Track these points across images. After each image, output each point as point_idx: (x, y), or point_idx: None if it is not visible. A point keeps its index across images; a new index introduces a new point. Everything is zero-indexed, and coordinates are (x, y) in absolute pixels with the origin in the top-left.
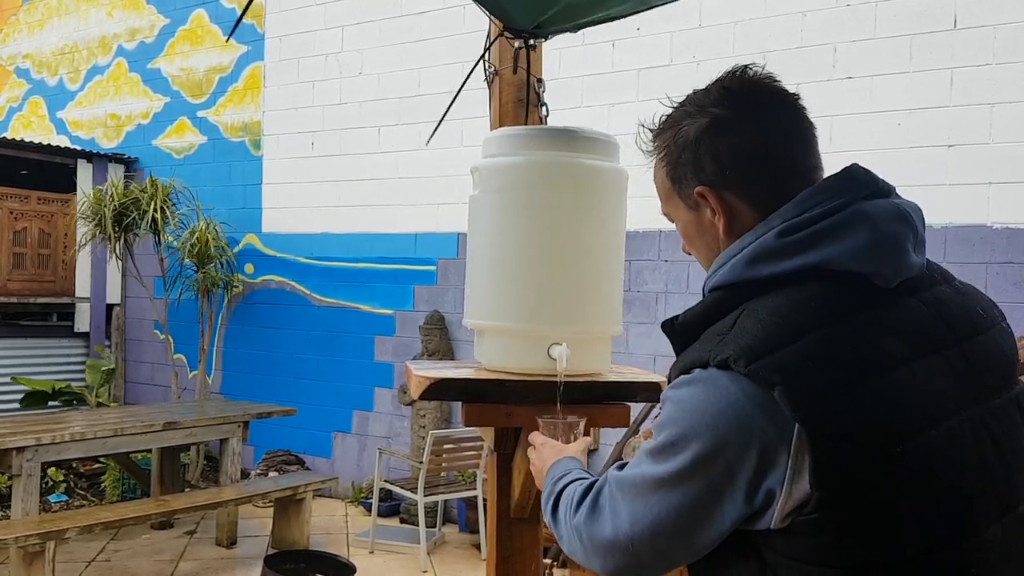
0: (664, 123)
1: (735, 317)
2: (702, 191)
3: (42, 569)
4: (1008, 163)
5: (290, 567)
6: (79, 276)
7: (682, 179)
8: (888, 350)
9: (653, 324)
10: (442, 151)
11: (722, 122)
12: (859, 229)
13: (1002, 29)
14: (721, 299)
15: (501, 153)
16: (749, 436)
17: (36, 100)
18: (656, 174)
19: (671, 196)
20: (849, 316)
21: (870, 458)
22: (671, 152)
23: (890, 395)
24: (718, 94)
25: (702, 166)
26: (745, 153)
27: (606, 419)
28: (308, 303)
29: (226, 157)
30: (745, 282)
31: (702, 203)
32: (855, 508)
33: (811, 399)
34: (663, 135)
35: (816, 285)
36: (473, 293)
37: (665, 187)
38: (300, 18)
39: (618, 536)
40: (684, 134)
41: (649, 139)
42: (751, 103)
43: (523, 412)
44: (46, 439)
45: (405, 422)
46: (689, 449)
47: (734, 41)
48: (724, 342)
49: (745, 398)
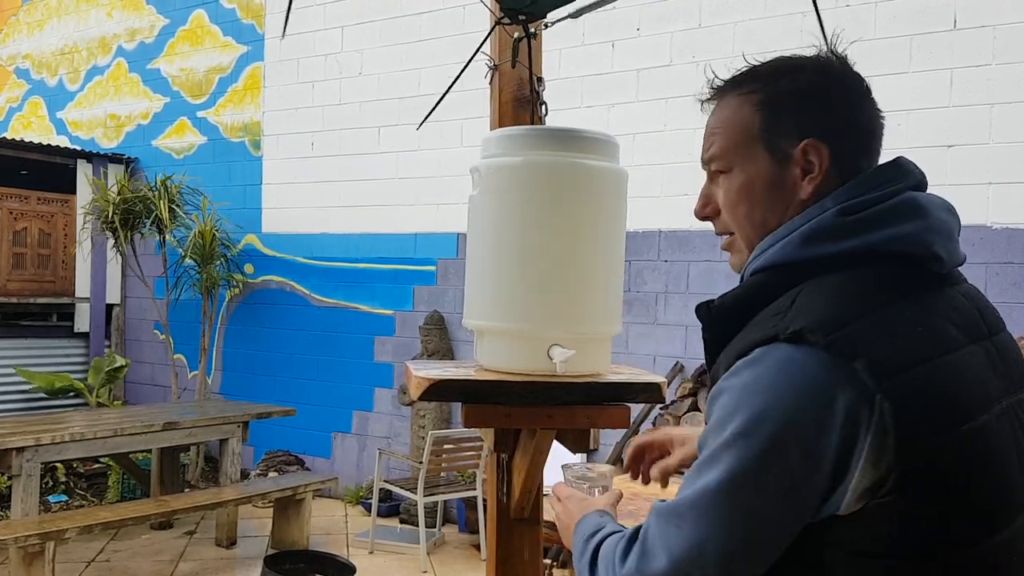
0: (762, 67)
1: (793, 295)
2: (814, 144)
3: (42, 569)
4: (1008, 163)
5: (290, 567)
6: (79, 276)
7: (786, 127)
8: (949, 332)
9: (653, 324)
10: (442, 151)
11: (851, 85)
12: (915, 215)
13: (1002, 29)
14: (769, 280)
15: (501, 153)
16: (831, 413)
17: (36, 100)
18: (734, 114)
19: (752, 142)
20: (912, 297)
21: (944, 436)
22: (777, 96)
23: (954, 375)
24: (839, 62)
25: (825, 121)
26: (860, 124)
27: (606, 420)
28: (308, 303)
29: (226, 157)
30: (798, 263)
31: (798, 158)
32: (931, 488)
33: (893, 372)
34: (762, 78)
35: (873, 267)
36: (472, 293)
37: (747, 131)
38: (300, 18)
39: (679, 564)
40: (801, 84)
41: (730, 76)
42: (863, 80)
43: (523, 413)
44: (46, 439)
45: (405, 422)
46: (765, 435)
47: (734, 41)
48: (790, 317)
49: (824, 371)
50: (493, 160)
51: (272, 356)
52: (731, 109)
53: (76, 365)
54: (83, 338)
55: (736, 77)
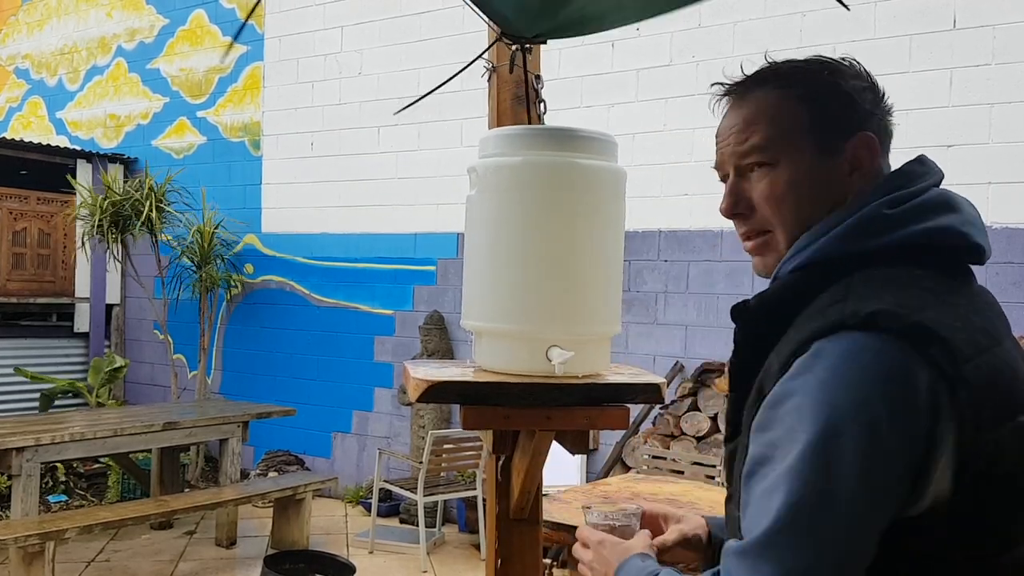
0: (790, 65)
1: (845, 287)
2: (868, 139)
3: (42, 569)
4: (1008, 163)
5: (290, 567)
6: (79, 276)
7: (835, 123)
8: (995, 324)
9: (653, 324)
10: (441, 151)
11: (879, 88)
12: (950, 208)
13: (1002, 29)
14: (812, 276)
15: (498, 153)
16: (916, 400)
17: (36, 100)
18: (774, 108)
19: (799, 136)
20: (959, 288)
21: (1006, 426)
22: (821, 91)
23: (1007, 367)
24: (866, 71)
25: (868, 118)
26: (886, 125)
27: (605, 420)
28: (308, 303)
29: (226, 157)
30: (843, 258)
31: (849, 152)
32: (995, 482)
33: (966, 359)
34: (796, 74)
35: (918, 260)
36: (470, 294)
37: (794, 124)
38: (300, 18)
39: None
40: (843, 81)
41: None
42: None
43: (521, 414)
44: (46, 439)
45: (405, 422)
46: (854, 435)
47: (734, 41)
48: (853, 305)
49: (903, 357)
50: (491, 160)
51: (272, 356)
52: (767, 103)
53: (76, 365)
54: (83, 338)
55: (761, 73)
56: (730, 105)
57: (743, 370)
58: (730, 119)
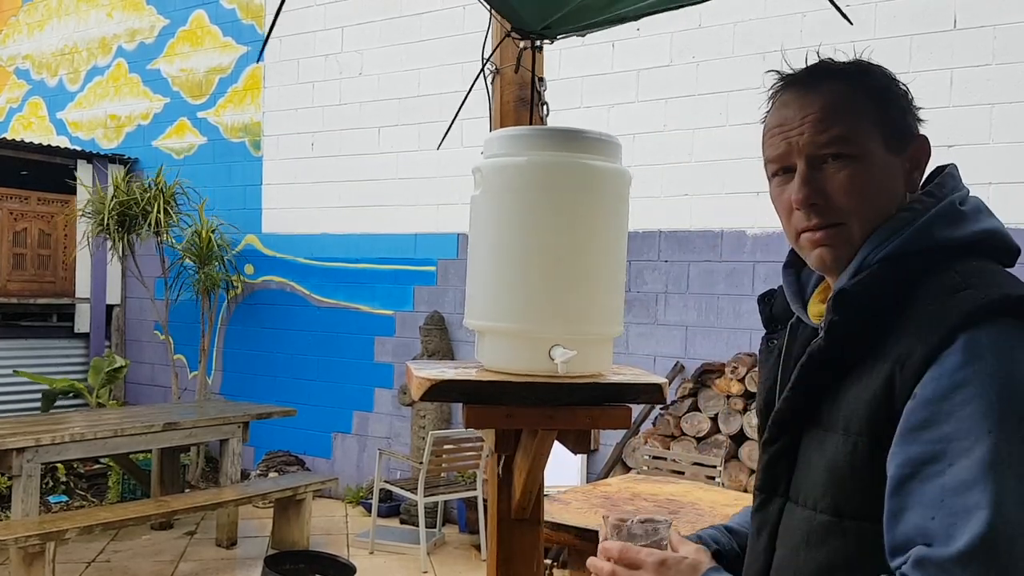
0: (853, 62)
1: (959, 275)
2: (926, 143)
3: (42, 570)
4: (1008, 163)
5: (290, 567)
6: (79, 277)
7: (900, 123)
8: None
9: (653, 324)
10: (442, 151)
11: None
12: (991, 213)
13: (1002, 29)
14: (912, 264)
15: (502, 153)
16: None
17: (36, 101)
18: (850, 100)
19: (875, 130)
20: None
21: None
22: (891, 92)
23: None
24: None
25: (917, 120)
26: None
27: (607, 420)
28: (308, 303)
29: (226, 158)
30: (932, 248)
31: (911, 153)
32: None
33: None
34: (865, 72)
35: (983, 256)
36: (473, 294)
37: (869, 120)
38: (300, 19)
39: None
40: (899, 84)
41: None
42: None
43: (523, 414)
44: (46, 439)
45: (405, 423)
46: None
47: (734, 41)
48: (986, 291)
49: None
50: (495, 160)
51: (272, 356)
52: (843, 95)
53: (76, 366)
54: (83, 339)
55: (827, 66)
56: (791, 94)
57: (828, 360)
58: (798, 107)
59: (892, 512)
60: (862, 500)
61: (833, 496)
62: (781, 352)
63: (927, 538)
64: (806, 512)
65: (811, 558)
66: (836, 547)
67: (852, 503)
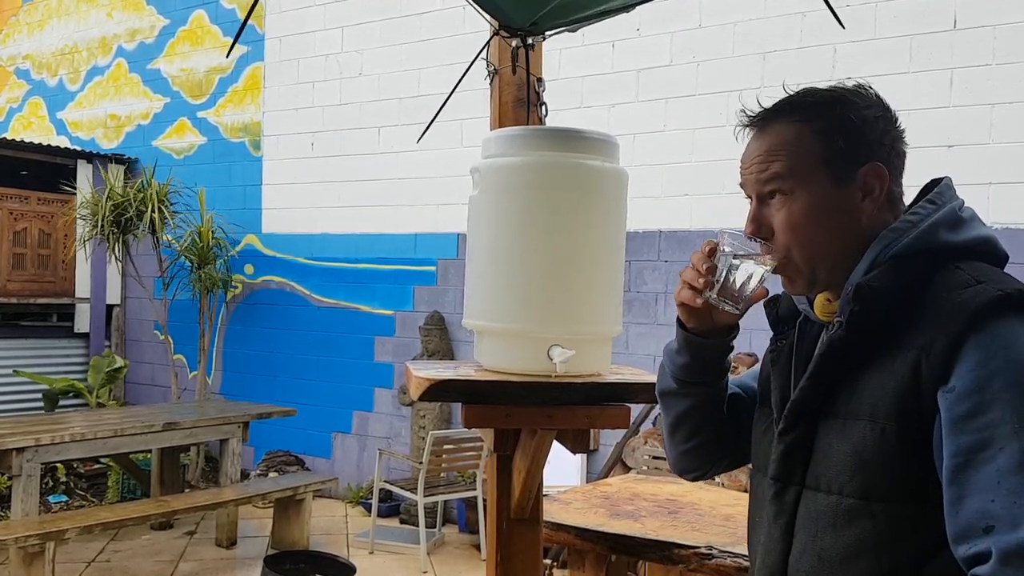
0: (807, 97)
1: (973, 270)
2: (878, 169)
3: (42, 569)
4: (1008, 163)
5: (290, 567)
6: (79, 277)
7: (848, 154)
8: None
9: (653, 324)
10: (442, 151)
11: (892, 115)
12: (982, 222)
13: (1002, 29)
14: (922, 262)
15: (501, 153)
16: None
17: (36, 101)
18: (793, 140)
19: (815, 167)
20: None
21: None
22: (840, 124)
23: None
24: (875, 92)
25: (878, 147)
26: (899, 149)
27: (606, 420)
28: (308, 303)
29: (226, 158)
30: (939, 247)
31: (862, 181)
32: None
33: None
34: (814, 107)
35: (982, 259)
36: (472, 294)
37: (811, 155)
38: (300, 19)
39: None
40: (855, 113)
41: (772, 106)
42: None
43: (523, 413)
44: (46, 439)
45: (405, 423)
46: None
47: (734, 41)
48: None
49: None
50: (494, 160)
51: (272, 356)
52: (787, 135)
53: (76, 365)
54: (83, 338)
55: (780, 106)
56: (752, 134)
57: (847, 351)
58: (752, 148)
59: (951, 501)
60: (891, 483)
61: (861, 481)
62: (792, 350)
63: (990, 519)
64: (831, 498)
65: (838, 541)
66: (865, 528)
67: (881, 487)
